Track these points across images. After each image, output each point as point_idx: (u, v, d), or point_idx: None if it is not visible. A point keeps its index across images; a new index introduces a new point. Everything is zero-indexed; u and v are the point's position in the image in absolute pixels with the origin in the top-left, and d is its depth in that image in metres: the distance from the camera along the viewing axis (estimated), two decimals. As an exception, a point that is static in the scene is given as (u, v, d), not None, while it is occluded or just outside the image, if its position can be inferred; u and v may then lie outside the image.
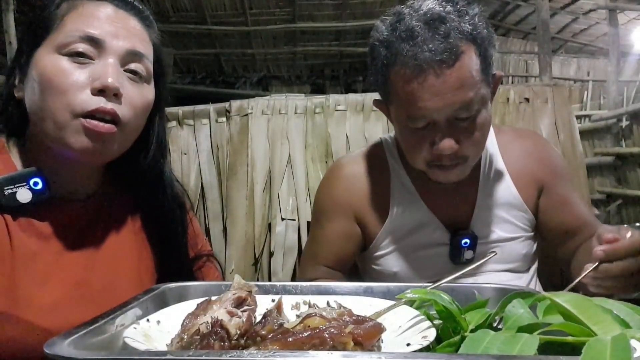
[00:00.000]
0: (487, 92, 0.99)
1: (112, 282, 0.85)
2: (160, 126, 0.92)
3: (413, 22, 0.93)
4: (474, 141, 0.98)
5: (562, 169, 1.19)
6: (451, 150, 0.96)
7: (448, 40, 0.91)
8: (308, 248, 1.26)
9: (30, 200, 0.77)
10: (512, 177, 1.13)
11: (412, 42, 0.92)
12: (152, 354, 0.51)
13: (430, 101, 0.93)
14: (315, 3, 6.71)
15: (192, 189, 2.16)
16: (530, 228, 1.15)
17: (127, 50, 0.80)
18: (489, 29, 0.98)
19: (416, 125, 0.97)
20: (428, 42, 0.91)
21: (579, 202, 1.17)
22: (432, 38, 0.91)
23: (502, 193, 1.13)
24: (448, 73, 0.91)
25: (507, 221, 1.12)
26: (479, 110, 0.96)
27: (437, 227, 1.11)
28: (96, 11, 0.80)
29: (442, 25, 0.92)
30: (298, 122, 2.21)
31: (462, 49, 0.92)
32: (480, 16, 0.97)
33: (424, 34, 0.92)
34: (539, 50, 2.85)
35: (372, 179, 1.15)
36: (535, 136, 1.27)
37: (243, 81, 8.08)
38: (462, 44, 0.92)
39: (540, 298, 0.57)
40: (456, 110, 0.94)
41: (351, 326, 0.53)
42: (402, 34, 0.94)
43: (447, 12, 0.94)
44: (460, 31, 0.93)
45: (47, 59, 0.77)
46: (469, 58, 0.93)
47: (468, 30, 0.93)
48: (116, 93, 0.77)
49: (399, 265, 1.13)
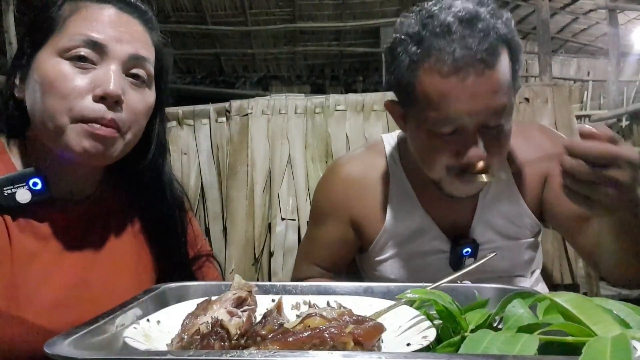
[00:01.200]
0: (513, 103, 0.92)
1: (112, 282, 0.85)
2: (160, 127, 0.92)
3: (449, 18, 0.85)
4: (499, 152, 0.92)
5: None
6: (479, 160, 0.89)
7: (488, 39, 0.84)
8: (303, 246, 1.25)
9: (29, 200, 0.77)
10: (515, 178, 1.08)
11: (449, 38, 0.84)
12: (152, 354, 0.51)
13: (464, 103, 0.85)
14: (315, 3, 6.70)
15: (192, 189, 2.16)
16: (532, 233, 1.12)
17: (130, 56, 0.79)
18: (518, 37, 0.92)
19: (442, 130, 0.89)
20: (467, 39, 0.84)
21: None
22: (471, 35, 0.84)
23: (504, 198, 1.08)
24: (488, 74, 0.84)
25: (509, 228, 1.08)
26: (507, 120, 0.90)
27: (437, 234, 1.08)
28: (99, 14, 0.79)
29: (479, 22, 0.85)
30: (298, 122, 2.21)
31: (500, 49, 0.86)
32: (511, 20, 0.90)
33: (461, 30, 0.84)
34: (539, 50, 2.85)
35: (370, 181, 1.12)
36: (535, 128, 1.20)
37: (243, 81, 8.08)
38: (499, 44, 0.86)
39: (540, 298, 0.57)
40: (488, 116, 0.87)
41: (351, 326, 0.53)
42: (436, 30, 0.86)
43: (482, 12, 0.87)
44: (497, 31, 0.86)
45: (49, 62, 0.76)
46: (505, 61, 0.87)
47: (504, 32, 0.87)
48: (117, 100, 0.76)
49: (398, 272, 1.11)
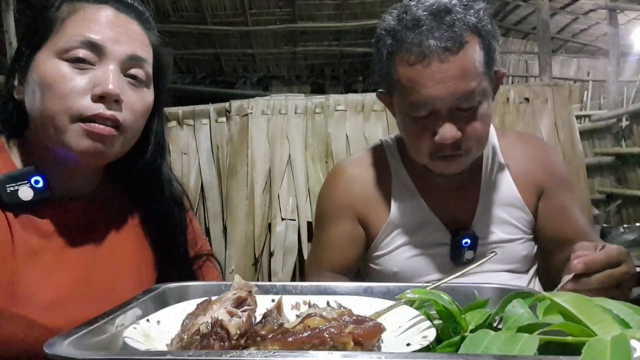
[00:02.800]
0: (489, 87, 1.00)
1: (112, 280, 0.85)
2: (159, 126, 0.92)
3: (419, 12, 0.95)
4: (475, 132, 0.98)
5: (564, 177, 1.19)
6: (453, 139, 0.96)
7: (453, 30, 0.93)
8: (312, 254, 1.26)
9: (31, 198, 0.77)
10: (513, 178, 1.14)
11: (418, 31, 0.94)
12: (152, 354, 0.51)
13: (433, 88, 0.94)
14: (315, 3, 6.70)
15: (192, 189, 2.16)
16: (531, 230, 1.15)
17: (128, 56, 0.80)
18: (494, 24, 1.00)
19: (418, 113, 0.98)
20: (433, 31, 0.93)
21: (577, 213, 1.17)
22: (438, 27, 0.93)
23: (504, 194, 1.13)
24: (452, 60, 0.93)
25: (508, 222, 1.12)
26: (481, 102, 0.97)
27: (438, 227, 1.11)
28: (97, 15, 0.79)
29: (447, 15, 0.94)
30: (298, 122, 2.21)
31: (467, 39, 0.94)
32: (485, 10, 0.98)
33: (429, 23, 0.94)
34: (539, 50, 2.85)
35: (372, 179, 1.16)
36: (538, 141, 1.27)
37: (243, 81, 8.08)
38: (466, 34, 0.94)
39: (540, 298, 0.57)
40: (458, 98, 0.95)
41: (351, 326, 0.53)
42: (407, 23, 0.95)
43: (453, 5, 0.96)
44: (465, 22, 0.95)
45: (48, 64, 0.76)
46: (472, 49, 0.95)
47: (473, 22, 0.95)
48: (117, 99, 0.77)
49: (399, 264, 1.13)
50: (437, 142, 0.98)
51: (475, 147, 1.01)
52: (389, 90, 1.06)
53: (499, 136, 1.18)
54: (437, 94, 0.94)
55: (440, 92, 0.94)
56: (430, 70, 0.93)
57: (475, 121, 0.98)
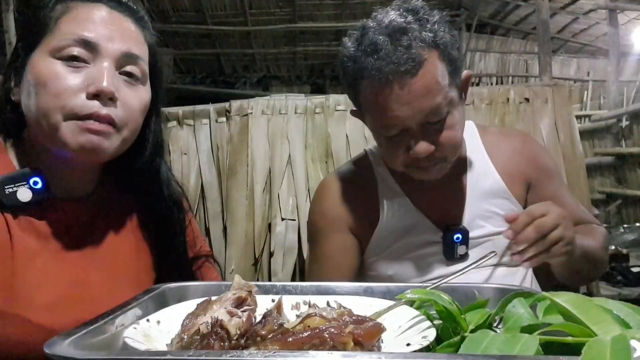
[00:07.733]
0: (456, 94, 1.01)
1: (111, 281, 0.85)
2: (156, 125, 0.92)
3: (376, 36, 0.96)
4: (448, 140, 1.00)
5: (550, 166, 1.21)
6: (427, 153, 0.99)
7: (410, 51, 0.94)
8: (309, 269, 1.27)
9: (30, 199, 0.77)
10: (499, 171, 1.16)
11: (377, 56, 0.95)
12: (152, 354, 0.51)
13: (399, 111, 0.96)
14: (315, 3, 6.70)
15: (192, 189, 2.16)
16: None
17: (122, 53, 0.79)
18: (452, 32, 1.01)
19: (389, 133, 1.01)
20: (391, 55, 0.94)
21: (568, 199, 1.18)
22: (395, 50, 0.94)
23: (491, 187, 1.15)
24: (412, 82, 0.94)
25: (498, 214, 1.14)
26: (449, 112, 0.99)
27: (428, 226, 1.12)
28: (90, 14, 0.79)
29: (403, 36, 0.95)
30: (298, 122, 2.21)
31: (425, 57, 0.95)
32: (440, 22, 0.99)
33: (387, 46, 0.95)
34: (539, 50, 2.85)
35: (360, 189, 1.17)
36: (520, 135, 1.28)
37: (243, 81, 8.08)
38: (424, 52, 0.95)
39: (540, 298, 0.57)
40: (426, 115, 0.97)
41: (351, 326, 0.53)
42: (367, 49, 0.96)
43: (408, 23, 0.97)
44: (422, 40, 0.96)
45: (42, 63, 0.76)
46: (432, 65, 0.96)
47: (430, 37, 0.96)
48: (111, 97, 0.76)
49: (394, 267, 1.14)
50: (413, 158, 1.00)
51: (450, 153, 1.03)
52: (360, 110, 1.09)
53: (482, 133, 1.20)
54: (404, 115, 0.96)
55: (407, 112, 0.96)
56: (394, 94, 0.95)
57: (447, 130, 1.00)
